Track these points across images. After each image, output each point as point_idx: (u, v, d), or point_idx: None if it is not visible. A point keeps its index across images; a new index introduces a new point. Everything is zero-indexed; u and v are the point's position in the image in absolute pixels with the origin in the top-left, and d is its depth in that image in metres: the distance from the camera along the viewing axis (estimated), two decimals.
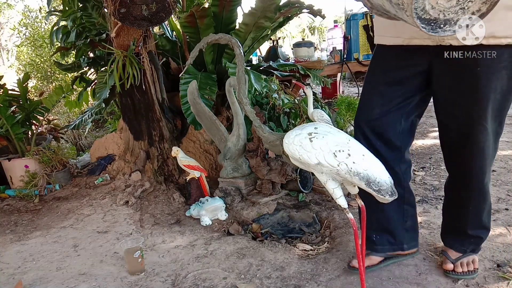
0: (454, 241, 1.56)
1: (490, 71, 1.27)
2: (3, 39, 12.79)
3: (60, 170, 2.94)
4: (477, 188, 1.44)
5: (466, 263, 1.50)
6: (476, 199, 1.46)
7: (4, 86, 3.11)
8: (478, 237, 1.52)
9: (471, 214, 1.48)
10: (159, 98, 2.86)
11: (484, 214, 1.49)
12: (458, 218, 1.53)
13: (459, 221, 1.54)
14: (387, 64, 1.47)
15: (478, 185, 1.43)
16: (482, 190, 1.44)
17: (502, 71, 1.27)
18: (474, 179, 1.43)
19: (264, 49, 5.13)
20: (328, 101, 4.67)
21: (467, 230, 1.52)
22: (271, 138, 1.35)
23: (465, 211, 1.50)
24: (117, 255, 1.91)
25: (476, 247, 1.54)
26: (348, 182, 1.26)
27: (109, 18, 2.61)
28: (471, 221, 1.50)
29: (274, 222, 2.18)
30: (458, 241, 1.54)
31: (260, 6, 2.73)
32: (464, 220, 1.51)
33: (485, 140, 1.35)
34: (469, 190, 1.46)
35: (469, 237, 1.52)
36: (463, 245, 1.53)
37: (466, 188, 1.47)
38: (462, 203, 1.50)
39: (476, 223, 1.50)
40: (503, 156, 2.84)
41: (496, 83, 1.28)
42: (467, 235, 1.52)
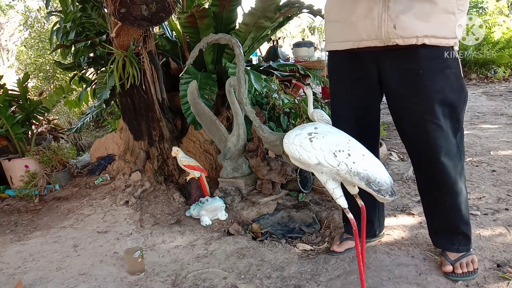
0: (444, 241, 1.57)
1: (432, 72, 1.34)
2: (3, 39, 12.80)
3: (60, 170, 2.94)
4: (445, 186, 1.46)
5: (465, 263, 1.50)
6: (449, 196, 1.47)
7: (4, 86, 3.11)
8: (463, 233, 1.53)
9: (450, 211, 1.50)
10: (159, 98, 2.87)
11: (462, 208, 1.49)
12: (439, 217, 1.55)
13: (440, 219, 1.56)
14: (344, 68, 1.55)
15: (445, 182, 1.45)
16: (452, 187, 1.46)
17: (446, 70, 1.35)
18: (439, 177, 1.45)
19: (264, 49, 5.13)
20: (328, 101, 4.67)
21: (451, 228, 1.53)
22: (271, 138, 1.35)
23: (442, 209, 1.52)
24: (117, 255, 1.91)
25: (467, 243, 1.54)
26: (348, 182, 1.26)
27: (109, 18, 2.61)
28: (453, 217, 1.51)
29: (274, 222, 2.18)
30: (448, 240, 1.55)
31: (260, 6, 2.73)
32: (445, 218, 1.53)
33: (440, 137, 1.39)
34: (438, 188, 1.48)
35: (456, 234, 1.53)
36: (454, 244, 1.54)
37: (435, 187, 1.49)
38: (437, 202, 1.52)
39: (458, 219, 1.51)
40: (503, 156, 2.84)
41: (441, 83, 1.35)
42: (453, 233, 1.53)
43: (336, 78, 1.62)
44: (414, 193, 2.34)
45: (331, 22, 1.52)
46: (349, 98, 1.57)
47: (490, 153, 2.92)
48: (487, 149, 3.01)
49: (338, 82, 1.61)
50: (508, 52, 6.51)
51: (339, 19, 1.47)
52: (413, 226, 1.93)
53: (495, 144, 3.13)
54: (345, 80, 1.57)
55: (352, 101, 1.57)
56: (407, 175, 2.60)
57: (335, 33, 1.50)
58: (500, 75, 6.52)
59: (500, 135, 3.39)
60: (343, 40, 1.46)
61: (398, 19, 1.30)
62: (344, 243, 1.75)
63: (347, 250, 1.74)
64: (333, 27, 1.51)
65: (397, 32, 1.30)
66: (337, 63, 1.59)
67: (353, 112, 1.58)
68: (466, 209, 1.52)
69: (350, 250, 1.74)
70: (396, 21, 1.30)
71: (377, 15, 1.32)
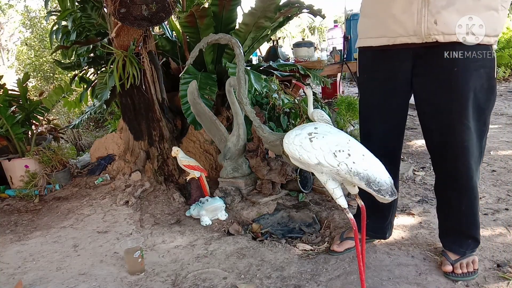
0: (453, 244, 1.56)
1: (467, 70, 1.30)
2: (3, 39, 12.80)
3: (60, 170, 2.94)
4: (466, 189, 1.44)
5: (466, 264, 1.50)
6: (467, 199, 1.46)
7: (4, 86, 3.11)
8: (474, 237, 1.52)
9: (465, 214, 1.49)
10: (159, 98, 2.86)
11: (476, 213, 1.49)
12: (452, 219, 1.54)
13: (453, 222, 1.54)
14: (375, 66, 1.51)
15: (466, 185, 1.43)
16: (471, 190, 1.45)
17: (480, 69, 1.31)
18: (461, 180, 1.43)
19: (264, 49, 5.12)
20: (328, 101, 4.67)
21: (463, 231, 1.52)
22: (271, 138, 1.35)
23: (457, 212, 1.50)
24: (117, 255, 1.91)
25: (475, 247, 1.55)
26: (348, 182, 1.26)
27: (108, 18, 2.61)
28: (466, 221, 1.50)
29: (274, 222, 2.18)
30: (457, 243, 1.54)
31: (260, 6, 2.73)
32: (458, 221, 1.52)
33: (468, 139, 1.36)
34: (458, 191, 1.47)
35: (467, 238, 1.53)
36: (462, 247, 1.53)
37: (454, 189, 1.47)
38: (453, 204, 1.50)
39: (470, 223, 1.50)
40: (503, 156, 2.84)
41: (474, 82, 1.31)
42: (464, 236, 1.53)
43: (366, 76, 1.57)
44: (414, 193, 2.34)
45: (365, 17, 1.47)
46: (379, 98, 1.53)
47: (490, 153, 2.92)
48: (487, 149, 3.01)
49: (368, 81, 1.57)
50: (508, 52, 6.51)
51: (374, 14, 1.42)
52: (413, 226, 1.93)
53: (495, 144, 3.13)
54: (375, 80, 1.52)
55: (380, 101, 1.53)
56: (407, 175, 2.60)
57: (369, 28, 1.45)
58: (500, 75, 6.52)
59: (500, 135, 3.39)
60: (377, 36, 1.42)
61: (439, 15, 1.25)
62: (344, 242, 1.75)
63: (347, 250, 1.74)
64: (367, 22, 1.46)
65: (438, 28, 1.26)
66: (369, 61, 1.53)
67: (381, 114, 1.54)
68: (478, 214, 1.51)
69: (350, 250, 1.74)
70: (437, 16, 1.26)
71: (417, 10, 1.28)
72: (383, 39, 1.40)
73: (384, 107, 1.53)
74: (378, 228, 1.75)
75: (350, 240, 1.74)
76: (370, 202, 1.38)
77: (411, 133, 3.74)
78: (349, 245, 1.74)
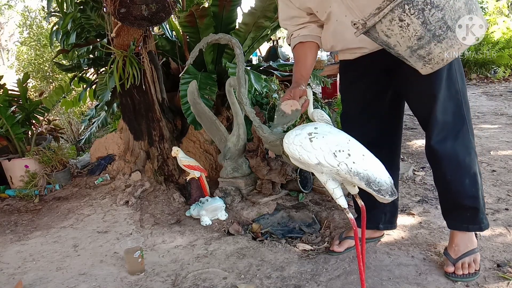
0: (453, 219, 1.56)
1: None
2: (3, 39, 12.79)
3: (60, 170, 2.94)
4: (444, 156, 1.46)
5: (468, 263, 1.49)
6: (449, 167, 1.47)
7: (4, 86, 3.11)
8: (470, 208, 1.50)
9: (452, 183, 1.49)
10: (159, 98, 2.86)
11: (463, 181, 1.48)
12: (443, 192, 1.56)
13: (444, 195, 1.56)
14: (353, 73, 1.63)
15: (444, 152, 1.46)
16: (451, 157, 1.45)
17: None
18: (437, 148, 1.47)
19: (264, 49, 5.13)
20: (328, 101, 4.68)
21: (457, 202, 1.52)
22: (271, 138, 1.35)
23: (444, 183, 1.52)
24: (117, 255, 1.91)
25: (475, 218, 1.51)
26: (348, 182, 1.26)
27: (108, 18, 2.61)
28: (454, 190, 1.50)
29: (274, 222, 2.18)
30: (455, 218, 1.54)
31: (260, 5, 2.73)
32: (448, 192, 1.53)
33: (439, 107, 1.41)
34: (437, 159, 1.49)
35: (463, 210, 1.51)
36: (462, 221, 1.52)
37: (433, 159, 1.51)
38: (438, 176, 1.53)
39: (459, 192, 1.49)
40: (503, 156, 2.84)
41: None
42: (460, 208, 1.51)
43: (346, 82, 1.72)
44: (414, 193, 2.34)
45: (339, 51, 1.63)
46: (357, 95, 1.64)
47: (490, 153, 2.92)
48: (487, 149, 3.00)
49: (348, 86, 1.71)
50: (508, 52, 6.50)
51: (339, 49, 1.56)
52: (413, 226, 1.93)
53: (495, 144, 3.13)
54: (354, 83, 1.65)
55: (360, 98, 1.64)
56: (407, 175, 2.60)
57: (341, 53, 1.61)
58: (500, 75, 6.51)
59: (500, 135, 3.39)
60: (351, 53, 1.55)
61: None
62: (343, 242, 1.75)
63: (347, 250, 1.74)
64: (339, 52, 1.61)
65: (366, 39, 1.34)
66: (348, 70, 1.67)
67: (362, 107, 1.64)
68: (473, 184, 1.48)
69: (350, 249, 1.74)
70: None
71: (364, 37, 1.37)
72: (354, 55, 1.53)
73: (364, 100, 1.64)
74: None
75: (350, 239, 1.74)
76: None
77: (411, 133, 3.74)
78: (349, 245, 1.74)
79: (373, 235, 1.80)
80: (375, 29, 1.10)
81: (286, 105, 1.37)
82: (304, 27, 1.55)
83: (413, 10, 1.02)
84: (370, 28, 1.09)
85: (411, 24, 1.04)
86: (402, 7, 1.01)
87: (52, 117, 4.20)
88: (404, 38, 1.08)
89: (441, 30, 1.05)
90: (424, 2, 1.01)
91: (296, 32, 1.56)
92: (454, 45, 1.08)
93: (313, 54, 1.57)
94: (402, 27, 1.05)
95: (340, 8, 1.40)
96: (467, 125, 1.46)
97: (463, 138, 1.46)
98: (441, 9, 1.02)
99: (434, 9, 1.02)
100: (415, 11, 1.02)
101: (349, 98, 1.70)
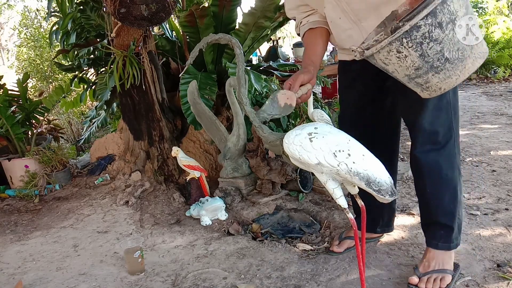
0: (427, 234, 1.52)
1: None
2: (3, 39, 12.80)
3: (60, 170, 2.94)
4: (426, 170, 1.42)
5: (433, 279, 1.42)
6: (429, 181, 1.43)
7: (4, 86, 3.11)
8: (446, 225, 1.45)
9: (430, 197, 1.45)
10: (159, 98, 2.86)
11: (443, 197, 1.43)
12: (421, 204, 1.53)
13: (422, 208, 1.53)
14: (350, 74, 1.62)
15: (426, 166, 1.42)
16: (433, 172, 1.41)
17: None
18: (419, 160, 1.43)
19: (264, 49, 5.13)
20: (328, 101, 4.68)
21: (432, 218, 1.48)
22: (271, 138, 1.35)
23: (423, 196, 1.48)
24: (117, 255, 1.91)
25: (448, 239, 1.46)
26: (348, 182, 1.26)
27: (108, 18, 2.61)
28: (432, 205, 1.45)
29: (274, 222, 2.18)
30: (430, 232, 1.50)
31: (260, 5, 2.73)
32: (425, 206, 1.49)
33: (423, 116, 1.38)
34: (418, 172, 1.46)
35: (438, 225, 1.46)
36: (434, 237, 1.47)
37: (415, 171, 1.48)
38: (419, 187, 1.50)
39: (436, 207, 1.45)
40: (503, 156, 2.84)
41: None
42: (435, 222, 1.47)
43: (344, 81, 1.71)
44: (414, 193, 2.34)
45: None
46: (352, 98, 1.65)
47: (490, 153, 2.92)
48: (487, 149, 3.00)
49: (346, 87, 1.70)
50: (508, 52, 6.50)
51: (342, 45, 1.52)
52: (413, 226, 1.93)
53: (495, 144, 3.12)
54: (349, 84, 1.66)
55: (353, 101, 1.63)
56: (407, 175, 2.60)
57: (343, 50, 1.57)
58: (500, 75, 6.50)
59: (500, 135, 3.38)
60: (348, 54, 1.52)
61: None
62: (343, 242, 1.75)
63: (347, 250, 1.74)
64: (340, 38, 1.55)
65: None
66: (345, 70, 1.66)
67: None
68: (452, 200, 1.43)
69: (350, 249, 1.74)
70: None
71: (359, 39, 1.31)
72: (350, 56, 1.49)
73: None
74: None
75: (349, 239, 1.74)
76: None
77: None
78: (348, 245, 1.74)
79: (372, 236, 1.80)
80: (373, 57, 1.11)
81: (283, 95, 1.27)
82: (313, 13, 1.49)
83: (411, 44, 1.02)
84: (368, 56, 1.10)
85: (409, 56, 1.04)
86: (400, 40, 1.01)
87: (52, 117, 4.20)
88: (402, 67, 1.08)
89: (439, 62, 1.05)
90: (422, 36, 1.01)
91: (305, 19, 1.50)
92: (452, 76, 1.09)
93: (324, 40, 1.49)
94: (400, 58, 1.06)
95: (335, 10, 1.38)
96: (454, 138, 1.41)
97: (449, 152, 1.41)
98: (439, 43, 1.02)
99: (433, 43, 1.02)
100: (413, 45, 1.02)
101: (347, 99, 1.68)
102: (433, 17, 0.99)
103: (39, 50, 6.10)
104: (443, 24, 1.00)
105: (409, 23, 0.99)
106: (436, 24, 1.00)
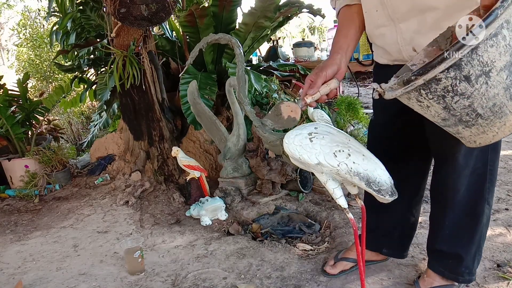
0: (432, 257, 1.42)
1: None
2: (3, 39, 12.80)
3: (60, 170, 2.95)
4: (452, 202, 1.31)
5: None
6: (452, 213, 1.32)
7: (4, 86, 3.11)
8: (456, 255, 1.35)
9: (447, 227, 1.34)
10: (159, 98, 2.87)
11: (461, 228, 1.33)
12: (437, 229, 1.40)
13: (436, 234, 1.40)
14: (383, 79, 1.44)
15: (452, 198, 1.30)
16: (459, 204, 1.29)
17: None
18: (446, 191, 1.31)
19: (264, 49, 5.13)
20: (328, 101, 4.67)
21: (441, 247, 1.37)
22: (271, 138, 1.35)
23: (440, 224, 1.37)
24: (117, 255, 1.91)
25: (456, 271, 1.36)
26: (348, 182, 1.26)
27: (108, 18, 2.61)
28: (448, 234, 1.35)
29: (274, 222, 2.18)
30: (437, 258, 1.40)
31: (260, 5, 2.73)
32: (440, 233, 1.38)
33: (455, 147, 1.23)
34: (442, 203, 1.34)
35: (447, 256, 1.37)
36: (441, 265, 1.38)
37: (439, 201, 1.37)
38: (437, 215, 1.39)
39: (453, 236, 1.34)
40: (503, 156, 2.84)
41: None
42: (444, 253, 1.37)
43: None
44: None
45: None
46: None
47: None
48: None
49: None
50: None
51: (373, 41, 1.36)
52: None
53: None
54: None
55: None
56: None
57: (376, 49, 1.39)
58: None
59: None
60: (381, 56, 1.36)
61: (414, 41, 1.16)
62: (338, 264, 1.60)
63: (341, 273, 1.57)
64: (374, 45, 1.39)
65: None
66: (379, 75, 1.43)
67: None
68: (466, 230, 1.32)
69: (345, 272, 1.57)
70: (413, 43, 1.16)
71: (393, 41, 1.20)
72: (384, 59, 1.34)
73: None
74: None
75: (345, 261, 1.59)
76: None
77: None
78: (344, 267, 1.58)
79: (374, 258, 1.61)
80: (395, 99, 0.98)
81: (287, 107, 1.18)
82: None
83: (431, 96, 0.89)
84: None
85: (431, 106, 0.91)
86: (418, 91, 0.89)
87: (52, 117, 4.20)
88: (427, 114, 0.96)
89: (469, 117, 0.90)
90: (444, 90, 0.87)
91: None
92: (488, 132, 0.93)
93: (360, 21, 1.27)
94: (422, 106, 0.93)
95: (373, 0, 1.20)
96: (487, 182, 1.30)
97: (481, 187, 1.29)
98: (467, 97, 0.87)
99: (458, 97, 0.87)
100: (434, 97, 0.89)
101: (378, 106, 1.49)
102: (457, 70, 0.84)
103: (38, 50, 6.10)
104: (471, 77, 0.85)
105: (422, 77, 0.86)
106: (461, 78, 0.85)
